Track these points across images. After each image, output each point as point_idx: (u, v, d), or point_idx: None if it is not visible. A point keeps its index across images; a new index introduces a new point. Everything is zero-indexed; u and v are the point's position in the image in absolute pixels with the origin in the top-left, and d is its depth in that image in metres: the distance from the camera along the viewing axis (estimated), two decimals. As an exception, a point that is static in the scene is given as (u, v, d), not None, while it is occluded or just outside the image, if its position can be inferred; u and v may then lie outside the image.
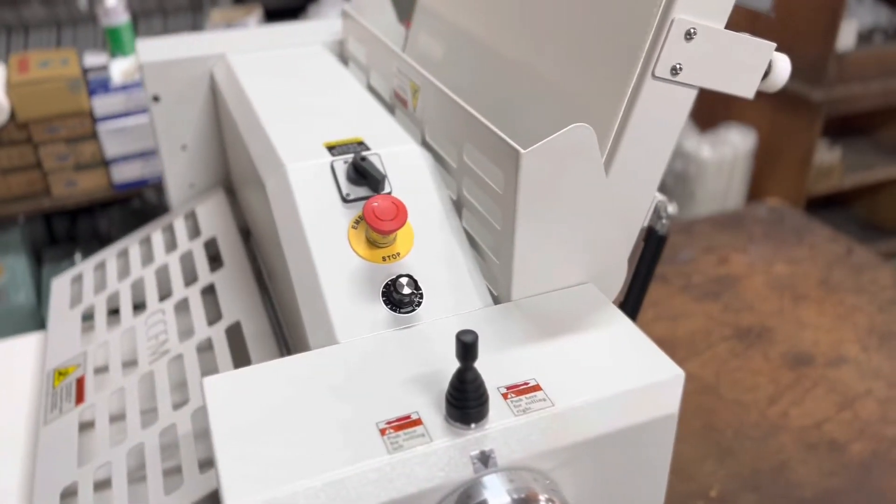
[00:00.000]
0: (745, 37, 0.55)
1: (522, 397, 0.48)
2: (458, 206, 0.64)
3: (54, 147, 1.51)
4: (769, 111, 2.26)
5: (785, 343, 1.10)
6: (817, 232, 1.38)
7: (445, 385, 0.47)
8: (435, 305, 0.57)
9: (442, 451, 0.45)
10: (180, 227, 0.88)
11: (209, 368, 0.68)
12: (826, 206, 2.52)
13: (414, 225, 0.60)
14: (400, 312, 0.56)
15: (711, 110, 2.37)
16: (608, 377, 0.50)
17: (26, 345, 0.83)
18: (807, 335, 1.11)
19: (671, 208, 0.60)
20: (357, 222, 0.59)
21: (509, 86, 0.70)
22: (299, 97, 0.75)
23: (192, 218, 0.90)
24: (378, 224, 0.55)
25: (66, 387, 0.72)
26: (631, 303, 0.63)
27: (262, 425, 0.47)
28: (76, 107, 1.48)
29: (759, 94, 0.58)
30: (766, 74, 0.57)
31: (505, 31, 0.71)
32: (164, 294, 0.80)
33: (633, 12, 0.55)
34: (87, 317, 0.83)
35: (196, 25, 2.30)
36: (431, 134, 0.69)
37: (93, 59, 1.59)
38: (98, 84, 1.51)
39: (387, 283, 0.56)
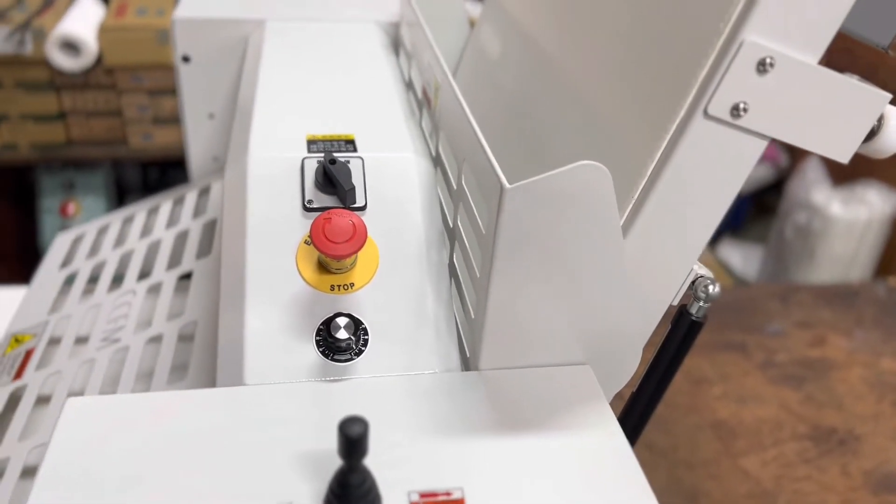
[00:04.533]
0: (849, 80, 0.40)
1: (435, 512, 0.36)
2: (452, 237, 0.52)
3: (136, 97, 1.49)
4: (920, 174, 1.98)
5: (873, 458, 0.90)
6: (945, 328, 1.15)
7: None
8: (381, 358, 0.45)
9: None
10: (190, 202, 0.81)
11: (146, 368, 0.59)
12: (971, 291, 2.19)
13: (382, 252, 0.49)
14: (333, 360, 0.44)
15: (850, 161, 2.10)
16: (561, 507, 0.37)
17: (4, 299, 0.78)
18: (903, 454, 0.91)
19: (714, 288, 0.46)
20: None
21: (556, 101, 0.57)
22: (315, 79, 0.65)
23: (205, 194, 0.82)
24: (326, 246, 0.44)
25: (13, 358, 0.66)
26: (643, 399, 0.49)
27: (98, 480, 0.37)
28: (162, 59, 1.45)
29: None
30: (873, 134, 0.42)
31: (561, 34, 0.58)
32: (146, 272, 0.72)
33: (693, 26, 0.41)
34: (70, 280, 0.77)
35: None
36: (444, 144, 0.57)
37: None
38: (188, 39, 1.47)
39: (324, 321, 0.45)
